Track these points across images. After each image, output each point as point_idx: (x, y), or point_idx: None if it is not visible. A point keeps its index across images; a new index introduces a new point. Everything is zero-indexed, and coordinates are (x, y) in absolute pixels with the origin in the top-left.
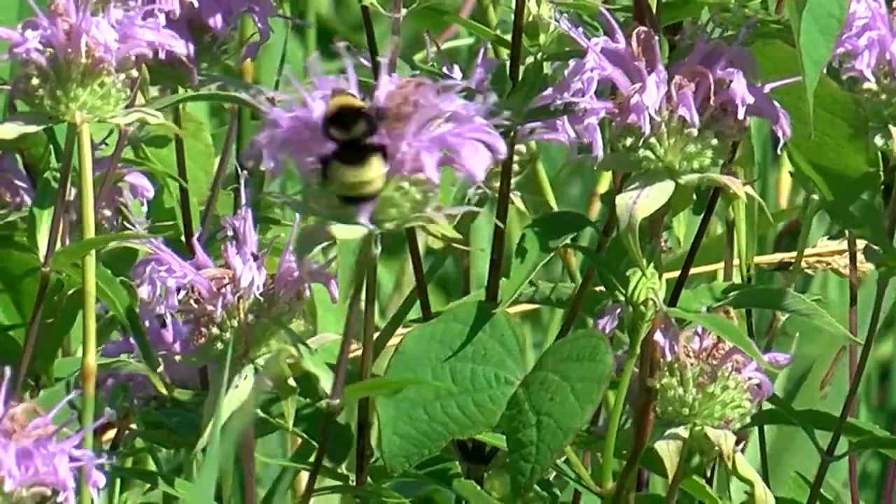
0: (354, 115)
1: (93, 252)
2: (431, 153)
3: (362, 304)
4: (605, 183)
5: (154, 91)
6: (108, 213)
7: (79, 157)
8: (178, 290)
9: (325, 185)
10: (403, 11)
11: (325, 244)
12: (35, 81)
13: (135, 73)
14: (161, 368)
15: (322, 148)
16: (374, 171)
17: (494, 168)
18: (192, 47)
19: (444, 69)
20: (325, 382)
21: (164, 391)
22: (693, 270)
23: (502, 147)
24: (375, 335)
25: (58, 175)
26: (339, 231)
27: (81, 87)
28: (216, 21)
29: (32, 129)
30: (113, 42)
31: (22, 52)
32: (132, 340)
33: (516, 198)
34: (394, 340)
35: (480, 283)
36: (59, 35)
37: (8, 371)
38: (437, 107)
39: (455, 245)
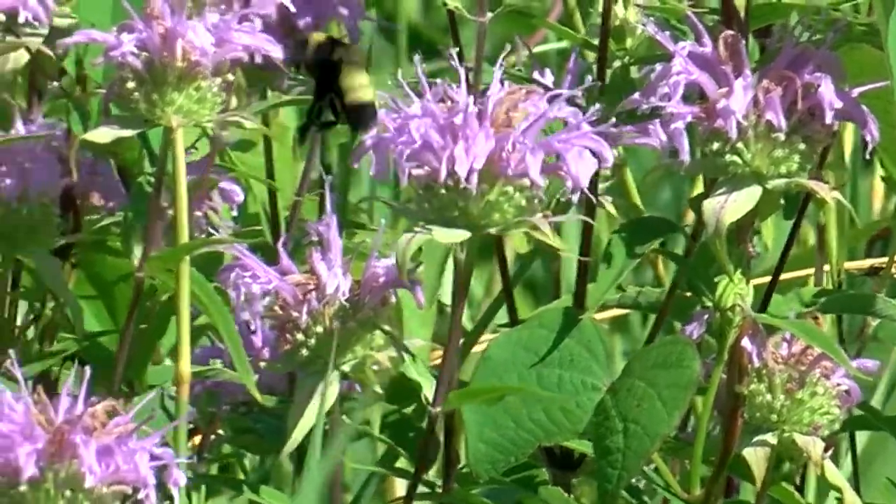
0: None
1: (187, 258)
2: (536, 157)
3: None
4: (696, 188)
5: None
6: (197, 213)
7: (173, 161)
8: (264, 296)
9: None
10: (489, 15)
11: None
12: (130, 85)
13: (230, 77)
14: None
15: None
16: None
17: None
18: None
19: (535, 73)
20: (427, 389)
21: (258, 397)
22: (784, 276)
23: (608, 154)
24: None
25: (151, 179)
26: (442, 235)
27: (177, 90)
28: (306, 24)
29: (128, 132)
30: (209, 46)
31: (118, 56)
32: (220, 346)
33: (606, 202)
34: (480, 346)
35: (570, 287)
36: (155, 39)
37: (88, 370)
38: (545, 113)
39: (544, 249)
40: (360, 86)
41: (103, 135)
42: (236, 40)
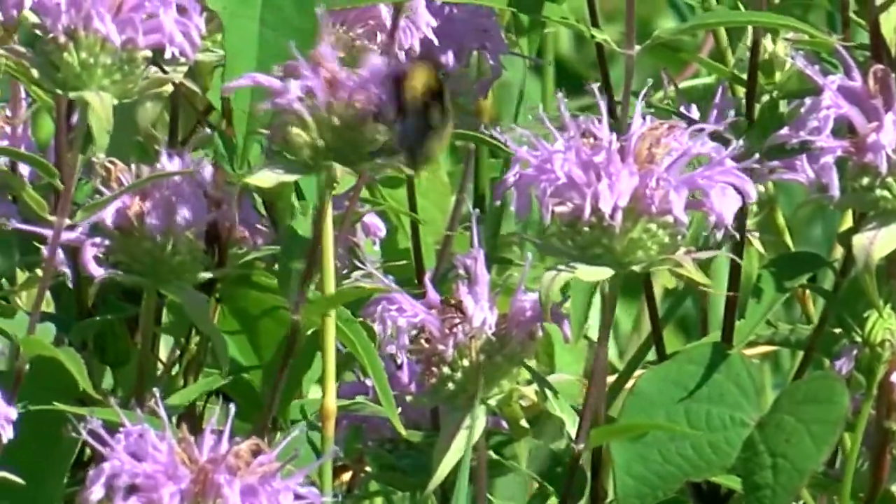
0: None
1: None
2: (680, 194)
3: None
4: (845, 222)
5: None
6: (340, 251)
7: (319, 199)
8: (410, 330)
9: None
10: (637, 48)
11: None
12: (294, 130)
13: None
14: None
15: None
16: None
17: None
18: None
19: (682, 108)
20: (570, 426)
21: (403, 432)
22: None
23: (752, 191)
24: (612, 377)
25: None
26: (585, 273)
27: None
28: (448, 58)
29: (291, 178)
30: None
31: (285, 103)
32: (366, 381)
33: (754, 238)
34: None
35: (720, 323)
36: (321, 84)
37: (233, 408)
38: (688, 149)
39: (692, 285)
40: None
41: (266, 179)
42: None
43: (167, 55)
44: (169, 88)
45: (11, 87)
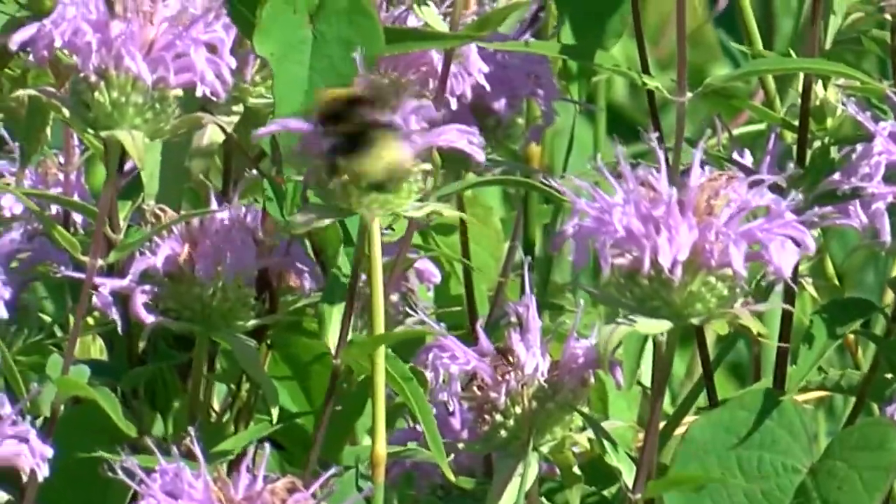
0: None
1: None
2: (739, 248)
3: None
4: None
5: None
6: (394, 298)
7: (369, 248)
8: (463, 377)
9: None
10: (689, 95)
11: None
12: (327, 175)
13: (428, 165)
14: (449, 457)
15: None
16: (388, 154)
17: None
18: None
19: (735, 154)
20: (627, 476)
21: (453, 478)
22: None
23: (811, 243)
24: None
25: (346, 261)
26: (644, 326)
27: None
28: (500, 104)
29: (324, 222)
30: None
31: (318, 149)
32: (418, 428)
33: (807, 284)
34: (681, 428)
35: (772, 368)
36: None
37: (268, 447)
38: (747, 201)
39: (743, 331)
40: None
41: (300, 223)
42: (431, 131)
43: (198, 93)
44: (220, 138)
45: (64, 134)
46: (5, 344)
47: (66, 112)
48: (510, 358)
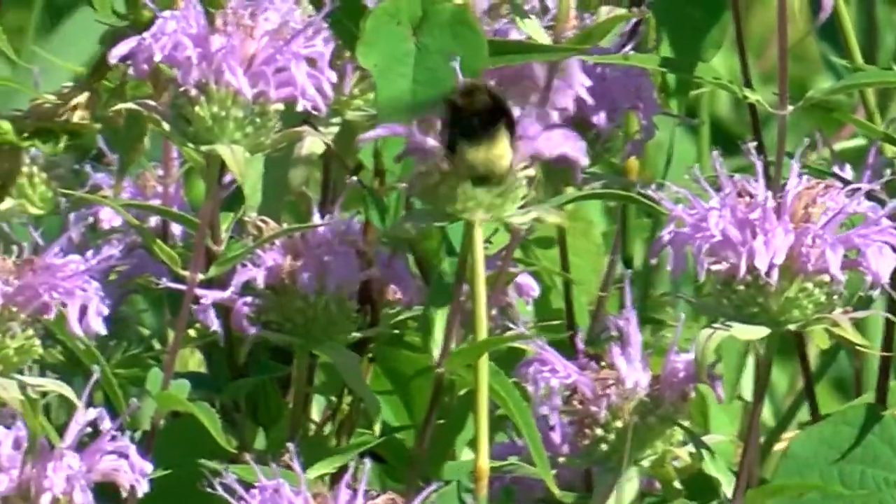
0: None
1: (486, 353)
2: (836, 253)
3: None
4: None
5: None
6: (493, 312)
7: (471, 257)
8: (563, 391)
9: None
10: (790, 108)
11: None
12: (433, 179)
13: (532, 171)
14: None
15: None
16: (502, 148)
17: None
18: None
19: (836, 168)
20: (726, 487)
21: (556, 492)
22: None
23: None
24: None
25: (450, 271)
26: (741, 332)
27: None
28: (600, 118)
29: (428, 226)
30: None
31: (420, 152)
32: (518, 442)
33: None
34: (782, 443)
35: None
36: None
37: (368, 462)
38: (844, 208)
39: (846, 345)
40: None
41: (405, 229)
42: (534, 136)
43: (299, 108)
44: (320, 148)
45: (164, 147)
46: (104, 357)
47: (165, 126)
48: (611, 372)
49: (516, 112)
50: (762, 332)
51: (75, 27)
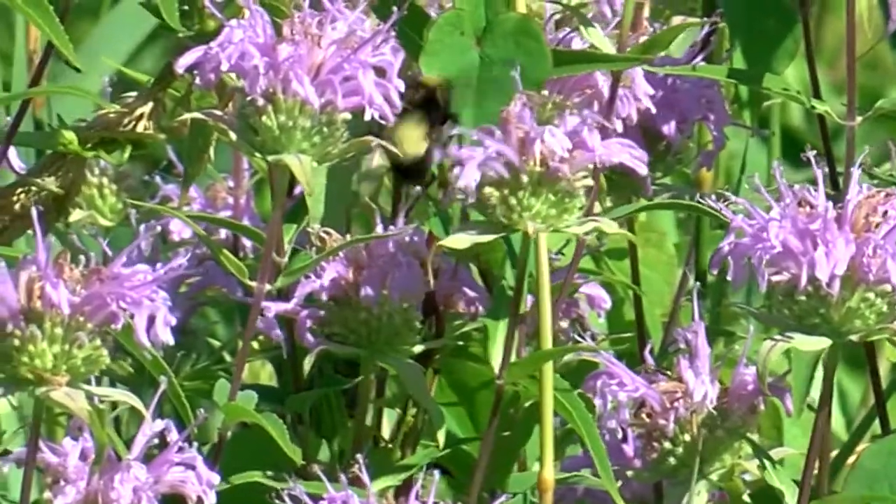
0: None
1: (550, 364)
2: None
3: None
4: None
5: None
6: (564, 324)
7: (536, 267)
8: (631, 404)
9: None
10: (859, 119)
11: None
12: (488, 190)
13: (590, 181)
14: (618, 483)
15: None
16: (412, 132)
17: None
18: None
19: None
20: (790, 498)
21: None
22: None
23: None
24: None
25: (513, 283)
26: (802, 343)
27: (534, 196)
28: (670, 128)
29: (485, 238)
30: (566, 151)
31: (476, 163)
32: (589, 455)
33: None
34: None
35: None
36: (513, 143)
37: (437, 474)
38: None
39: None
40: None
41: (460, 240)
42: (593, 146)
43: (366, 117)
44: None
45: (234, 158)
46: (173, 369)
47: (232, 136)
48: (679, 385)
49: (572, 119)
50: (823, 342)
51: (109, 30)
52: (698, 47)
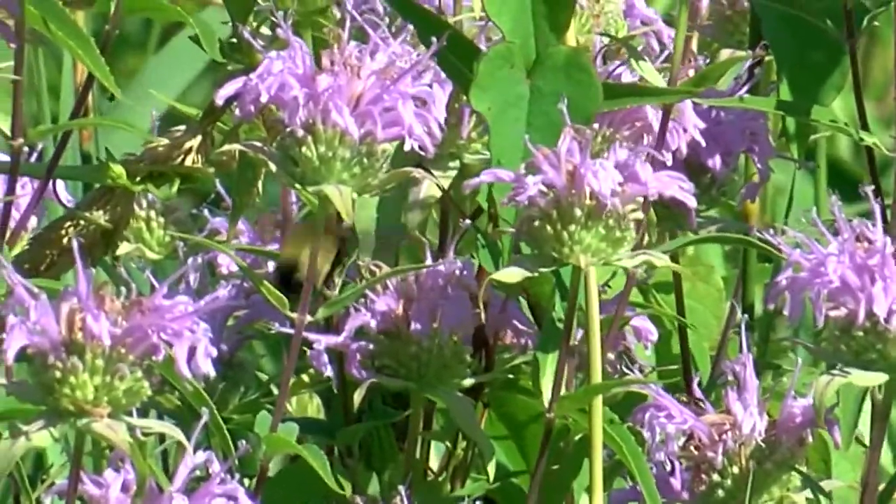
0: None
1: (600, 397)
2: None
3: None
4: None
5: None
6: (611, 356)
7: (586, 300)
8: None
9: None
10: None
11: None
12: (538, 224)
13: (640, 214)
14: None
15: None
16: None
17: None
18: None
19: None
20: None
21: None
22: None
23: None
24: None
25: (562, 315)
26: (860, 378)
27: (585, 229)
28: (715, 161)
29: (536, 272)
30: (616, 185)
31: (524, 197)
32: (638, 487)
33: None
34: None
35: None
36: (562, 178)
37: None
38: None
39: None
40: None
41: (511, 274)
42: (645, 179)
43: (406, 147)
44: (438, 192)
45: (282, 191)
46: (216, 401)
47: (272, 167)
48: (728, 417)
49: (622, 152)
50: (880, 378)
51: (165, 64)
52: (743, 79)
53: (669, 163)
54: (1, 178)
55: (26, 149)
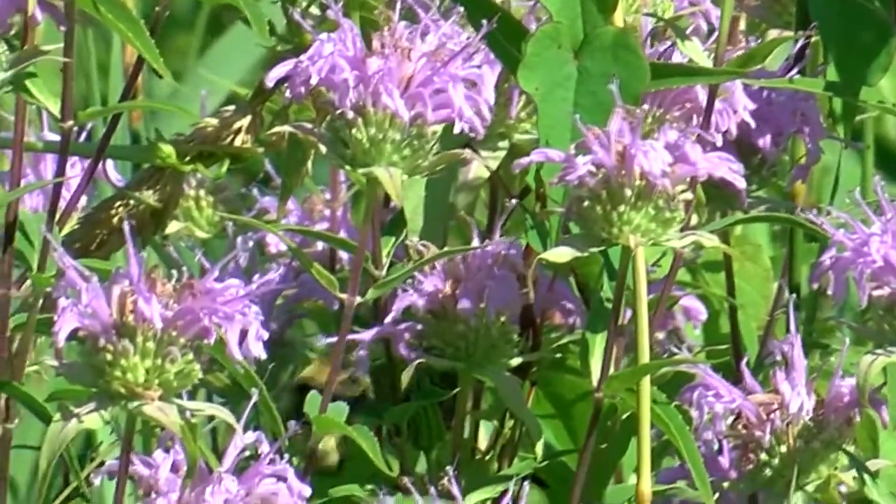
0: None
1: (647, 377)
2: None
3: None
4: None
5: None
6: (660, 336)
7: (634, 280)
8: (727, 416)
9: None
10: None
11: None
12: (587, 204)
13: (689, 195)
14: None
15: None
16: None
17: None
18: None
19: None
20: None
21: None
22: None
23: None
24: None
25: (611, 295)
26: None
27: (634, 209)
28: (765, 142)
29: (585, 252)
30: (666, 166)
31: (573, 177)
32: (686, 466)
33: None
34: None
35: None
36: (612, 158)
37: (526, 487)
38: None
39: None
40: None
41: (561, 254)
42: (695, 160)
43: (455, 129)
44: (486, 173)
45: (331, 171)
46: (265, 382)
47: (322, 148)
48: (776, 397)
49: (672, 133)
50: None
51: (229, 46)
52: (792, 61)
53: (719, 143)
54: (51, 158)
55: (76, 128)
